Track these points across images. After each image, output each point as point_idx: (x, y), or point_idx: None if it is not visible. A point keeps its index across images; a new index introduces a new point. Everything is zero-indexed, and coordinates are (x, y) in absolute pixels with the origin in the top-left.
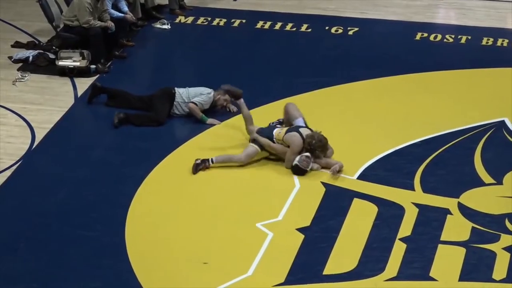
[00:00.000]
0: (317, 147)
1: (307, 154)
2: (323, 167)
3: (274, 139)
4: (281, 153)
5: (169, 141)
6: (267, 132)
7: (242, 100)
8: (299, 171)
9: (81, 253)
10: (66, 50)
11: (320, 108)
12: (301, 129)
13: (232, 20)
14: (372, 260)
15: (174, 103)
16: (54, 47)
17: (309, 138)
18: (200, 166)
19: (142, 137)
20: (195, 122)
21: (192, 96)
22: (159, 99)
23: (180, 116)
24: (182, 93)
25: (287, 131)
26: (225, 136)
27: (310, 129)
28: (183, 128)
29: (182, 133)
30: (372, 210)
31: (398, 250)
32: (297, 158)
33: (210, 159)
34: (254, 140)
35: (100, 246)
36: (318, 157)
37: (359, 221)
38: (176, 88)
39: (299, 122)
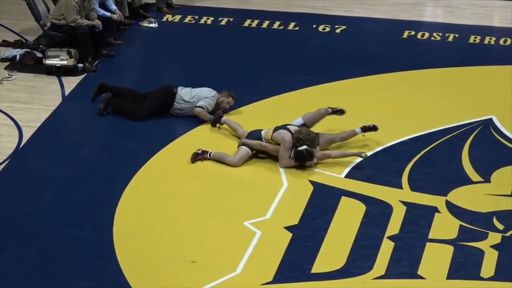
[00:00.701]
0: (305, 140)
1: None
2: (319, 159)
3: (263, 139)
4: (273, 151)
5: (157, 140)
6: (255, 134)
7: (224, 118)
8: (303, 156)
9: (70, 252)
10: (54, 49)
11: (308, 107)
12: (288, 126)
13: (220, 19)
14: (360, 259)
15: (175, 103)
16: (41, 46)
17: (297, 133)
18: (199, 156)
19: (130, 135)
20: (183, 121)
21: (196, 97)
22: (154, 97)
23: (180, 116)
24: (185, 94)
25: (274, 130)
26: (214, 135)
27: (298, 126)
28: (171, 126)
29: (170, 132)
30: (360, 208)
31: (386, 248)
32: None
33: (209, 153)
34: (243, 143)
35: (88, 245)
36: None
37: (347, 219)
38: (178, 88)
39: (296, 122)
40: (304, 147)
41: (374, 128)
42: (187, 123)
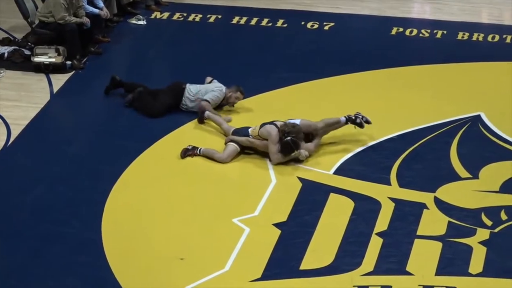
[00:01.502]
0: (291, 132)
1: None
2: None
3: (250, 136)
4: (261, 147)
5: (146, 137)
6: (242, 131)
7: (207, 113)
8: (289, 146)
9: (58, 250)
10: (42, 46)
11: (296, 104)
12: (275, 122)
13: (208, 16)
14: (348, 255)
15: (183, 98)
16: (29, 43)
17: (283, 127)
18: (189, 152)
19: (118, 133)
20: (171, 117)
21: (201, 92)
22: (165, 94)
23: (187, 111)
24: (192, 90)
25: (261, 126)
26: (202, 131)
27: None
28: (159, 124)
29: (158, 129)
30: (348, 205)
31: (375, 244)
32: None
33: (199, 149)
34: (231, 140)
35: (76, 243)
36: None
37: (335, 216)
38: (187, 84)
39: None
40: (289, 138)
41: (366, 122)
42: (176, 120)
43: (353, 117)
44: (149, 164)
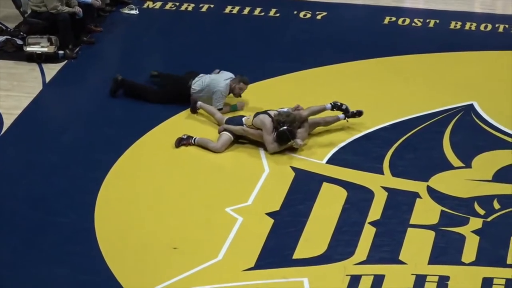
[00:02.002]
0: (285, 122)
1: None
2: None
3: (244, 125)
4: (255, 136)
5: (139, 126)
6: (236, 120)
7: (199, 103)
8: (285, 136)
9: (51, 239)
10: (34, 36)
11: (289, 93)
12: (269, 111)
13: (200, 5)
14: (341, 244)
15: (191, 92)
16: (21, 33)
17: (277, 116)
18: (184, 141)
19: (111, 122)
20: (164, 107)
21: (207, 89)
22: (168, 89)
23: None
24: (198, 85)
25: (255, 115)
26: (195, 121)
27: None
28: (152, 113)
29: (152, 118)
30: (341, 194)
31: (368, 234)
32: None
33: (193, 138)
34: (225, 129)
35: (69, 232)
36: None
37: (328, 205)
38: (193, 81)
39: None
40: (285, 127)
41: (358, 114)
42: (169, 109)
43: (339, 103)
44: (143, 153)
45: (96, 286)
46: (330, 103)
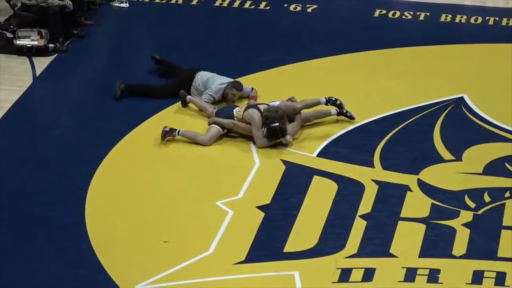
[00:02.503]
0: (274, 117)
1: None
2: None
3: (235, 118)
4: (245, 130)
5: (129, 120)
6: (226, 111)
7: (189, 97)
8: (276, 133)
9: (41, 233)
10: (24, 29)
11: (280, 86)
12: (259, 105)
13: None
14: (332, 237)
15: (192, 83)
16: (12, 26)
17: (266, 111)
18: (168, 134)
19: (101, 116)
20: (154, 101)
21: (202, 87)
22: (173, 85)
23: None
24: (198, 84)
25: (246, 109)
26: (185, 115)
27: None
28: (142, 106)
29: (142, 112)
30: (332, 187)
31: (358, 227)
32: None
33: (177, 130)
34: (214, 122)
35: (60, 226)
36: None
37: (319, 198)
38: (198, 75)
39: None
40: (276, 124)
41: (350, 117)
42: (159, 103)
43: (334, 99)
44: (133, 147)
45: (87, 280)
46: (325, 98)
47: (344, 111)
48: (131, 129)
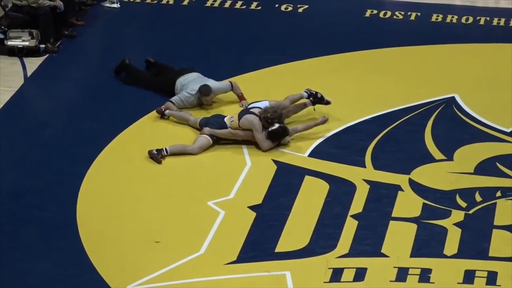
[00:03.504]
0: (274, 118)
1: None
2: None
3: (229, 128)
4: (244, 137)
5: (120, 121)
6: (216, 122)
7: (167, 111)
8: (279, 134)
9: (33, 233)
10: (15, 30)
11: (271, 86)
12: (251, 110)
13: None
14: (324, 237)
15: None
16: (2, 27)
17: (263, 113)
18: (158, 155)
19: (92, 117)
20: (145, 101)
21: (180, 90)
22: (157, 82)
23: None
24: (178, 87)
25: (240, 116)
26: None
27: (259, 108)
28: (134, 107)
29: (133, 113)
30: (323, 187)
31: (350, 227)
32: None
33: (164, 149)
34: (209, 134)
35: (52, 226)
36: None
37: (310, 198)
38: (178, 80)
39: (262, 104)
40: (277, 125)
41: (326, 102)
42: (149, 104)
43: (314, 92)
44: (124, 147)
45: (78, 280)
46: (305, 91)
47: (319, 96)
48: (122, 130)
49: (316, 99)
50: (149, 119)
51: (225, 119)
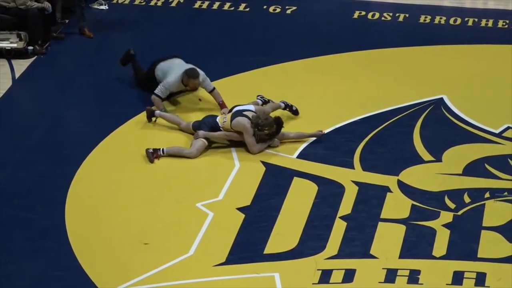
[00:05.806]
0: (264, 125)
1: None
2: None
3: (221, 128)
4: (238, 137)
5: (108, 122)
6: (208, 122)
7: (157, 112)
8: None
9: (21, 235)
10: (3, 32)
11: (259, 87)
12: (244, 113)
13: (170, 0)
14: (312, 239)
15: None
16: None
17: (255, 118)
18: (154, 155)
19: (81, 118)
20: (134, 101)
21: (160, 78)
22: (143, 73)
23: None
24: (157, 74)
25: (232, 118)
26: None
27: (253, 111)
28: (122, 108)
29: (122, 114)
30: (312, 188)
31: (339, 228)
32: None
33: (161, 149)
34: (205, 137)
35: (40, 228)
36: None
37: (299, 200)
38: (157, 67)
39: (248, 107)
40: (266, 132)
41: (295, 112)
42: (138, 106)
43: (290, 104)
44: (112, 149)
45: (67, 282)
46: (282, 102)
47: (294, 109)
48: (111, 131)
49: (291, 111)
50: (138, 120)
51: (218, 119)
